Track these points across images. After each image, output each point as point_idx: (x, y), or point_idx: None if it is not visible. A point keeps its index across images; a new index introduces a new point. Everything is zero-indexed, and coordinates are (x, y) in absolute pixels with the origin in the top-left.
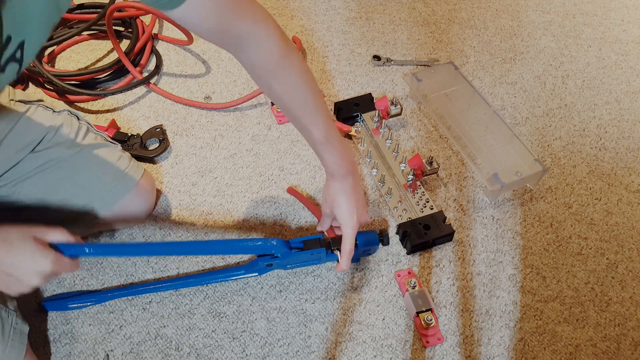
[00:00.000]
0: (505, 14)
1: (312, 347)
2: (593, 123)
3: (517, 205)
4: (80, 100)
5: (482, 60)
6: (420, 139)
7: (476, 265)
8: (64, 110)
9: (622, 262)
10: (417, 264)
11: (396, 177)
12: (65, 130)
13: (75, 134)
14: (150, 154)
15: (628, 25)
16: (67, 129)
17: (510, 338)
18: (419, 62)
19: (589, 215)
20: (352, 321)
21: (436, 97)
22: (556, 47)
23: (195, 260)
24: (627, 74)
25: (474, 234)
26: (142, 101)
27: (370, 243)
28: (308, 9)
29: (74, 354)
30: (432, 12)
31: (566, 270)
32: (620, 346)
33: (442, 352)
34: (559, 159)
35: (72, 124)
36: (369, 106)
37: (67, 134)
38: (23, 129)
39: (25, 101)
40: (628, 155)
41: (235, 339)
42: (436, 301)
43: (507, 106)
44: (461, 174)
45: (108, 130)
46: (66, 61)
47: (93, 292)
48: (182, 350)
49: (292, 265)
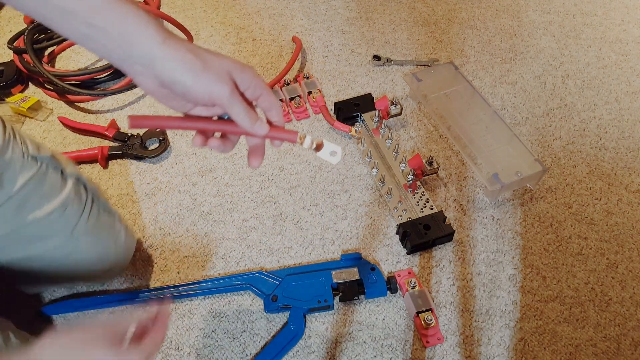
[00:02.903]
0: (505, 14)
1: (312, 347)
2: (593, 123)
3: (517, 205)
4: (80, 100)
5: (482, 60)
6: (420, 139)
7: (476, 265)
8: (73, 176)
9: (622, 262)
10: (417, 264)
11: (396, 177)
12: (69, 212)
13: (79, 217)
14: (150, 154)
15: (628, 25)
16: (72, 210)
17: (510, 338)
18: (419, 62)
19: (589, 215)
20: (352, 321)
21: (436, 97)
22: (556, 47)
23: (195, 260)
24: (627, 73)
25: (474, 234)
26: (142, 101)
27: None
28: (308, 8)
29: None
30: (432, 12)
31: (566, 270)
32: (620, 346)
33: (442, 352)
34: (559, 159)
35: (79, 202)
36: (369, 106)
37: (71, 216)
38: (28, 199)
39: (37, 157)
40: (628, 155)
41: (235, 339)
42: (436, 301)
43: (507, 106)
44: (461, 174)
45: (108, 130)
46: (66, 61)
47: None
48: (182, 350)
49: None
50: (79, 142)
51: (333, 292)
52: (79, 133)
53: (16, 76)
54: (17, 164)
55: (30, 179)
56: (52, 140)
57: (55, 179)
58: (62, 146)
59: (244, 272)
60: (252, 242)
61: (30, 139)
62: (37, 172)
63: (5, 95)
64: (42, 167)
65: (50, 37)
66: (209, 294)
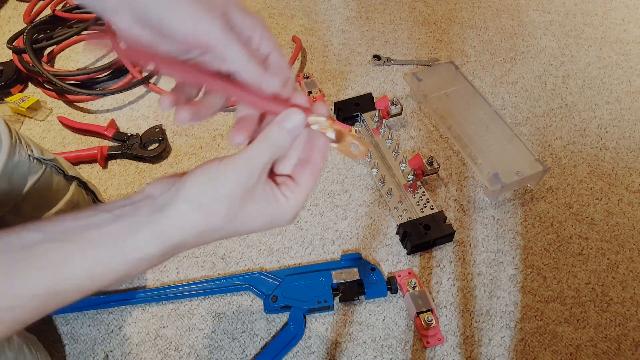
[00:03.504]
0: (506, 13)
1: (312, 347)
2: (594, 123)
3: (517, 206)
4: (80, 100)
5: (482, 59)
6: (420, 138)
7: (477, 265)
8: (74, 178)
9: (623, 262)
10: (418, 264)
11: (396, 177)
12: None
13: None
14: (150, 154)
15: (629, 25)
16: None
17: (510, 338)
18: (419, 62)
19: (590, 215)
20: (352, 322)
21: (436, 96)
22: (557, 46)
23: (195, 260)
24: (627, 73)
25: (475, 234)
26: (141, 101)
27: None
28: (308, 8)
29: (73, 355)
30: (432, 11)
31: (567, 270)
32: (621, 346)
33: (442, 352)
34: (560, 158)
35: (84, 202)
36: (369, 106)
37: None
38: (40, 200)
39: (42, 159)
40: (629, 155)
41: (235, 340)
42: (436, 301)
43: (508, 106)
44: (462, 174)
45: (107, 130)
46: (65, 61)
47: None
48: (181, 350)
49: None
50: (79, 142)
51: (333, 293)
52: (78, 133)
53: (15, 76)
54: (24, 166)
55: (38, 180)
56: (51, 140)
57: (59, 180)
58: (62, 146)
59: (243, 272)
60: (252, 242)
61: (33, 142)
62: (43, 173)
63: (4, 95)
64: (47, 169)
65: (50, 36)
66: (209, 294)
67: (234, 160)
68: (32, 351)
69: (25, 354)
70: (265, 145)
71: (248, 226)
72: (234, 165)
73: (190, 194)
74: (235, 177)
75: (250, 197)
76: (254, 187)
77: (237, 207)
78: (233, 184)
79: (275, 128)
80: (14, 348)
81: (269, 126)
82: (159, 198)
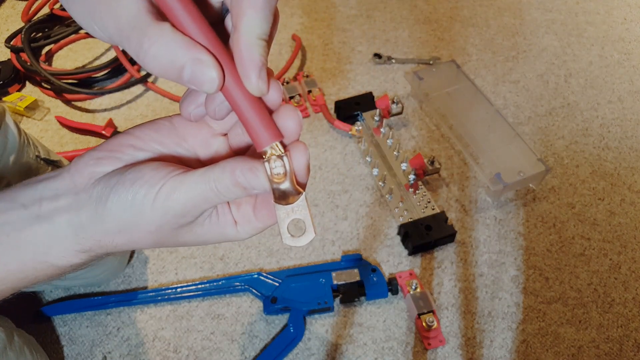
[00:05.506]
0: (508, 12)
1: (312, 349)
2: (596, 122)
3: (519, 206)
4: (77, 99)
5: (484, 58)
6: (421, 138)
7: (478, 266)
8: None
9: (625, 263)
10: (419, 265)
11: (397, 177)
12: None
13: None
14: None
15: (631, 24)
16: None
17: (512, 340)
18: (420, 61)
19: (592, 215)
20: (353, 323)
21: (438, 95)
22: (559, 45)
23: (194, 261)
24: (629, 72)
25: (476, 234)
26: (139, 100)
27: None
28: (308, 6)
29: (72, 356)
30: (433, 9)
31: (569, 271)
32: (623, 347)
33: (443, 354)
34: (562, 158)
35: None
36: (370, 105)
37: None
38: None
39: (48, 160)
40: (631, 155)
41: (234, 341)
42: (438, 303)
43: (510, 105)
44: (463, 173)
45: (105, 130)
46: (63, 59)
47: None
48: (180, 352)
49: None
50: (76, 141)
51: (333, 294)
52: (76, 132)
53: (13, 75)
54: (32, 166)
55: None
56: (49, 140)
57: None
58: (59, 145)
59: (242, 273)
60: (251, 242)
61: (40, 143)
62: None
63: (2, 95)
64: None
65: (48, 35)
66: (208, 295)
67: (168, 193)
68: (33, 353)
69: (25, 355)
70: (210, 193)
71: (189, 243)
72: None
73: (111, 215)
74: (159, 219)
75: (185, 230)
76: (188, 224)
77: (166, 237)
78: (158, 223)
79: (227, 176)
80: (15, 349)
81: (222, 167)
82: (81, 196)
